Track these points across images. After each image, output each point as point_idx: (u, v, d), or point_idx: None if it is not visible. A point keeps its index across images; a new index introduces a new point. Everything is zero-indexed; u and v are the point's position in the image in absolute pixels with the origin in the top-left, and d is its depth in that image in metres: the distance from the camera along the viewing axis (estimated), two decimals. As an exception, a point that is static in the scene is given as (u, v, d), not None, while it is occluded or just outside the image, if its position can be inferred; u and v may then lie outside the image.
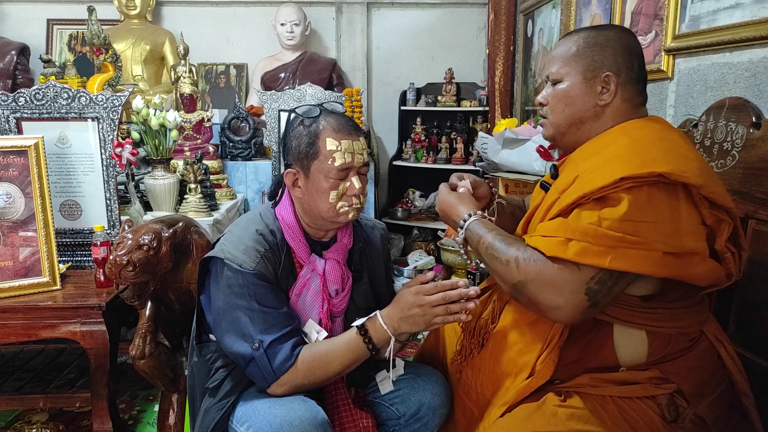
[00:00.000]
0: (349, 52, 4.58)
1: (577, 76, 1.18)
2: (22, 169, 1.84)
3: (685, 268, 1.03)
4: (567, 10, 2.85)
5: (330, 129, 1.26)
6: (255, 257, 1.25)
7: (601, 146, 1.15)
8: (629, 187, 1.02)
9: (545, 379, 1.16)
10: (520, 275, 1.07)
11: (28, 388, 1.91)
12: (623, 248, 1.00)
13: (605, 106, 1.17)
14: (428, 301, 1.19)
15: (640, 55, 1.20)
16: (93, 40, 2.76)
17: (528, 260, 1.07)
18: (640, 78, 1.19)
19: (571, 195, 1.09)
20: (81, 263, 2.08)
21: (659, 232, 1.01)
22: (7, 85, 3.95)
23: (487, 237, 1.16)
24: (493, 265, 1.13)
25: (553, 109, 1.22)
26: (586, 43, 1.18)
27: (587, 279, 1.02)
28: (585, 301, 1.03)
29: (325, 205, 1.27)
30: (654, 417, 1.12)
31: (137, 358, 1.55)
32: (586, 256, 1.01)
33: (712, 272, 1.07)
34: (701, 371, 1.17)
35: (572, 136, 1.22)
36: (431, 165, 4.22)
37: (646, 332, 1.14)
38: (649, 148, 1.07)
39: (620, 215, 1.01)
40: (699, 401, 1.15)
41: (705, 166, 1.09)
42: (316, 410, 1.20)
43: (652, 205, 1.02)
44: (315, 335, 1.29)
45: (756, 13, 1.55)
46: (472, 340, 1.31)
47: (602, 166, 1.07)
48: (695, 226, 1.05)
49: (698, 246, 1.05)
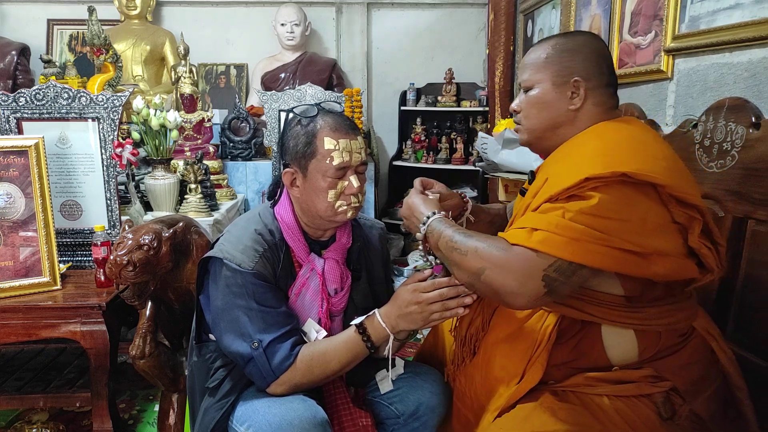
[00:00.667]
0: (349, 53, 4.58)
1: (547, 82, 1.20)
2: (22, 169, 1.84)
3: (644, 266, 1.04)
4: (567, 11, 2.85)
5: (327, 128, 1.26)
6: (254, 257, 1.25)
7: (572, 149, 1.17)
8: (595, 187, 1.04)
9: (534, 383, 1.17)
10: (480, 262, 1.07)
11: (28, 387, 1.91)
12: (585, 241, 1.01)
13: (577, 111, 1.19)
14: (425, 298, 1.19)
15: (610, 60, 1.22)
16: (93, 41, 2.76)
17: (488, 248, 1.08)
18: (610, 82, 1.21)
19: (540, 197, 1.11)
20: (81, 263, 2.08)
21: (624, 230, 1.02)
22: (8, 85, 3.96)
23: (447, 232, 1.15)
24: (452, 257, 1.12)
25: (527, 115, 1.25)
26: (555, 49, 1.21)
27: (545, 266, 1.03)
28: (542, 288, 1.03)
29: (323, 204, 1.27)
30: (651, 415, 1.12)
31: (137, 357, 1.56)
32: (549, 245, 1.02)
33: (670, 270, 1.07)
34: (695, 368, 1.17)
35: (547, 141, 1.24)
36: (431, 165, 4.23)
37: (634, 331, 1.14)
38: (616, 149, 1.09)
39: (587, 209, 1.02)
40: (694, 398, 1.15)
41: (674, 165, 1.10)
42: (316, 409, 1.20)
43: (620, 203, 1.03)
44: (314, 334, 1.30)
45: (755, 14, 1.56)
46: (464, 348, 1.32)
47: (569, 168, 1.09)
48: (664, 224, 1.07)
49: (665, 245, 1.06)
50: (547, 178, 1.12)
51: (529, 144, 1.28)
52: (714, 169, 1.54)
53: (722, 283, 1.49)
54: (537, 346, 1.17)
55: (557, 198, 1.06)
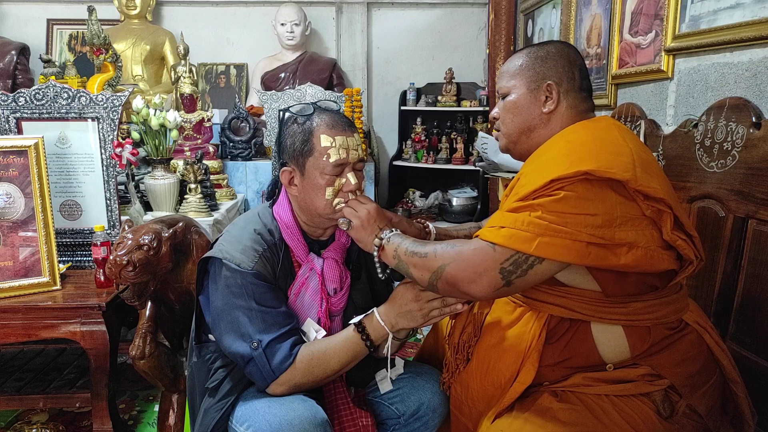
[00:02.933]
0: (349, 52, 4.58)
1: (522, 87, 1.26)
2: (22, 169, 1.84)
3: (610, 257, 1.07)
4: (567, 10, 2.85)
5: (324, 126, 1.26)
6: (253, 257, 1.25)
7: (543, 152, 1.21)
8: (561, 187, 1.07)
9: (527, 384, 1.19)
10: (439, 261, 1.12)
11: (28, 388, 1.91)
12: (549, 236, 1.05)
13: (550, 114, 1.24)
14: (424, 296, 1.20)
15: (582, 66, 1.26)
16: (93, 40, 2.76)
17: (446, 248, 1.13)
18: (583, 87, 1.25)
19: (512, 198, 1.14)
20: (81, 263, 2.08)
21: (589, 223, 1.05)
22: (7, 85, 3.96)
23: (405, 242, 1.20)
24: (412, 262, 1.16)
25: (504, 120, 1.30)
26: (529, 57, 1.26)
27: (502, 260, 1.07)
28: (499, 280, 1.08)
29: (321, 202, 1.27)
30: (650, 414, 1.13)
31: (137, 358, 1.55)
32: (513, 241, 1.06)
33: (644, 261, 1.09)
34: (690, 363, 1.17)
35: (524, 145, 1.28)
36: (431, 165, 4.23)
37: (622, 327, 1.16)
38: (581, 149, 1.12)
39: (552, 206, 1.06)
40: (692, 393, 1.16)
41: (638, 160, 1.11)
42: (316, 410, 1.20)
43: (585, 200, 1.06)
44: (314, 334, 1.29)
45: (756, 13, 1.55)
46: (458, 355, 1.33)
47: (537, 171, 1.12)
48: (635, 218, 1.09)
49: (635, 237, 1.08)
50: (519, 178, 1.17)
51: (507, 150, 1.34)
52: (714, 169, 1.54)
53: (724, 283, 1.49)
54: (528, 347, 1.19)
55: (526, 200, 1.10)
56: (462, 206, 4.08)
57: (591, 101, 1.28)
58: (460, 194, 4.15)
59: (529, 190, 1.09)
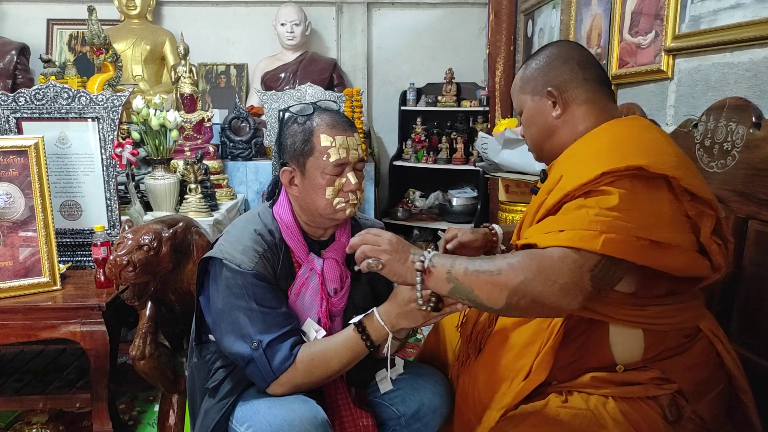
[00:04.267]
0: (349, 52, 4.58)
1: (528, 101, 1.29)
2: (22, 169, 1.84)
3: (663, 258, 1.05)
4: (567, 10, 2.85)
5: (324, 125, 1.26)
6: (254, 257, 1.25)
7: (583, 146, 1.19)
8: (611, 181, 1.05)
9: (540, 381, 1.17)
10: (519, 275, 1.00)
11: (27, 389, 1.91)
12: (613, 233, 1.01)
13: (561, 116, 1.24)
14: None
15: (582, 58, 1.25)
16: (93, 40, 2.75)
17: (521, 260, 1.02)
18: (587, 78, 1.23)
19: (556, 194, 1.11)
20: (81, 263, 2.08)
21: (643, 221, 1.03)
22: (7, 85, 3.95)
23: (459, 261, 1.06)
24: (477, 282, 1.03)
25: (526, 135, 1.34)
26: (526, 71, 1.30)
27: (591, 266, 1.01)
28: (590, 288, 1.01)
29: (322, 202, 1.27)
30: (656, 417, 1.12)
31: (137, 358, 1.55)
32: (579, 242, 1.01)
33: (688, 264, 1.08)
34: (700, 369, 1.17)
35: (549, 150, 1.29)
36: (431, 165, 4.22)
37: (642, 330, 1.15)
38: (628, 144, 1.11)
39: (607, 204, 1.03)
40: (698, 399, 1.15)
41: (684, 161, 1.11)
42: (316, 410, 1.20)
43: (636, 196, 1.04)
44: (314, 334, 1.29)
45: (757, 13, 1.55)
46: (470, 345, 1.32)
47: (584, 164, 1.10)
48: (677, 218, 1.07)
49: (677, 238, 1.06)
50: (562, 175, 1.13)
51: (539, 159, 1.35)
52: (715, 169, 1.53)
53: (725, 283, 1.49)
54: (544, 344, 1.17)
55: (574, 194, 1.07)
56: (462, 206, 4.08)
57: (605, 88, 1.26)
58: (460, 194, 4.15)
59: (578, 182, 1.06)
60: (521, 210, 2.63)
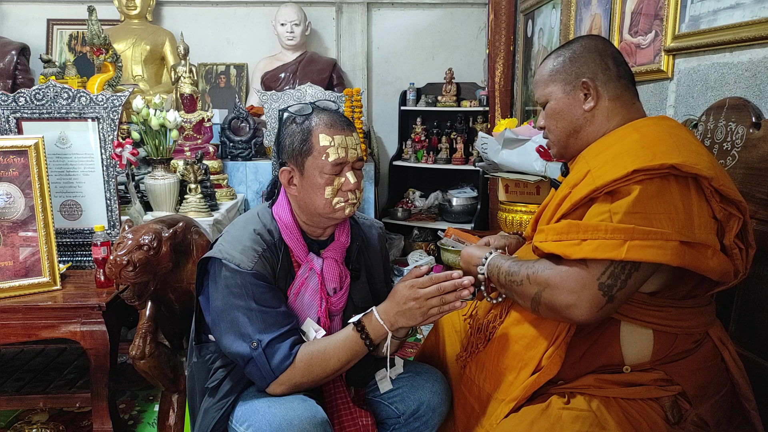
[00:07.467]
0: (349, 52, 4.58)
1: (559, 91, 1.25)
2: (22, 169, 1.84)
3: (700, 259, 1.04)
4: (567, 11, 2.85)
5: (323, 125, 1.27)
6: (253, 257, 1.25)
7: (612, 142, 1.17)
8: (641, 180, 1.04)
9: (552, 375, 1.16)
10: (534, 287, 1.11)
11: (28, 388, 1.91)
12: (638, 239, 1.01)
13: (593, 110, 1.22)
14: (423, 294, 1.19)
15: (614, 54, 1.24)
16: (93, 40, 2.76)
17: (537, 272, 1.12)
18: (620, 75, 1.23)
19: (583, 189, 1.11)
20: (81, 263, 2.08)
21: (672, 222, 1.02)
22: (7, 85, 3.95)
23: (503, 266, 1.21)
24: (512, 289, 1.18)
25: (550, 128, 1.29)
26: (558, 60, 1.26)
27: (598, 274, 1.03)
28: (600, 297, 1.03)
29: (321, 201, 1.27)
30: (657, 419, 1.12)
31: (137, 358, 1.55)
32: (602, 251, 1.02)
33: (722, 266, 1.07)
34: (704, 373, 1.17)
35: (574, 147, 1.27)
36: (431, 165, 4.22)
37: (652, 330, 1.14)
38: (659, 142, 1.09)
39: (630, 208, 1.02)
40: (701, 402, 1.15)
41: (714, 161, 1.11)
42: (316, 409, 1.20)
43: (664, 196, 1.03)
44: (313, 334, 1.29)
45: (756, 13, 1.55)
46: (479, 334, 1.32)
47: (613, 160, 1.09)
48: (706, 218, 1.06)
49: (709, 239, 1.05)
50: (589, 170, 1.12)
51: (560, 156, 1.32)
52: (715, 169, 1.53)
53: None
54: (556, 338, 1.17)
55: (602, 191, 1.07)
56: (462, 206, 4.08)
57: (633, 87, 1.25)
58: (460, 194, 4.15)
59: (609, 179, 1.06)
60: (521, 210, 2.63)
